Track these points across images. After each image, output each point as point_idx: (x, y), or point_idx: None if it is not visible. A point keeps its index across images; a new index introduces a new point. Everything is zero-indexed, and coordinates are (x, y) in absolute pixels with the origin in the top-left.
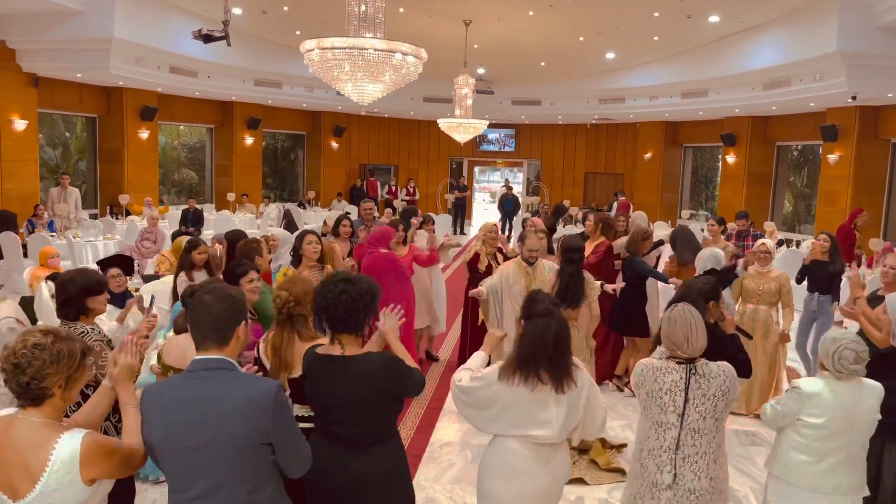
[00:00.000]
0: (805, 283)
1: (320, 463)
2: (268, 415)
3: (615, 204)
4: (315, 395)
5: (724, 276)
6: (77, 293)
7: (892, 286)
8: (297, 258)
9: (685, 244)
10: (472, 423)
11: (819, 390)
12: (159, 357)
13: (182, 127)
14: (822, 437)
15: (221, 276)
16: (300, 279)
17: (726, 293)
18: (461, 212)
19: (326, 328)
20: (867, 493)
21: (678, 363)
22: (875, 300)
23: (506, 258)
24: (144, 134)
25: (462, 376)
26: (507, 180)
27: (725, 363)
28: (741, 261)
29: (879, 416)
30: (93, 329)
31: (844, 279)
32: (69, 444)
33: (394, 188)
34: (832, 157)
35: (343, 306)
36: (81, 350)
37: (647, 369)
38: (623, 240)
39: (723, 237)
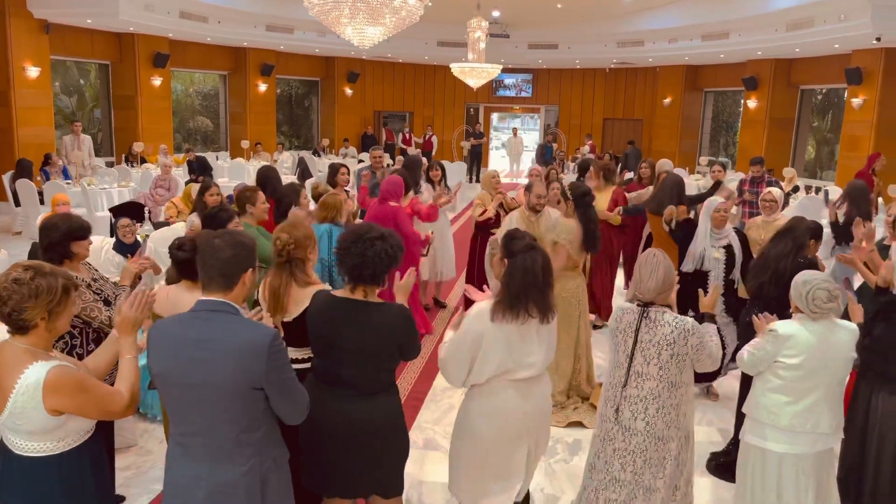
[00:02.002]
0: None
1: (318, 405)
2: (261, 360)
3: (586, 148)
4: (323, 336)
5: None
6: (60, 238)
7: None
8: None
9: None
10: (458, 380)
11: (795, 331)
12: None
13: (197, 74)
14: (800, 377)
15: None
16: (301, 224)
17: None
18: (477, 160)
19: (348, 279)
20: (842, 435)
21: (638, 305)
22: (882, 250)
23: (507, 210)
24: (157, 81)
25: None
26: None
27: (689, 319)
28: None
29: (854, 355)
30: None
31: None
32: (36, 373)
33: (408, 136)
34: (856, 102)
35: (378, 262)
36: (63, 285)
37: (617, 309)
38: (650, 189)
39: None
